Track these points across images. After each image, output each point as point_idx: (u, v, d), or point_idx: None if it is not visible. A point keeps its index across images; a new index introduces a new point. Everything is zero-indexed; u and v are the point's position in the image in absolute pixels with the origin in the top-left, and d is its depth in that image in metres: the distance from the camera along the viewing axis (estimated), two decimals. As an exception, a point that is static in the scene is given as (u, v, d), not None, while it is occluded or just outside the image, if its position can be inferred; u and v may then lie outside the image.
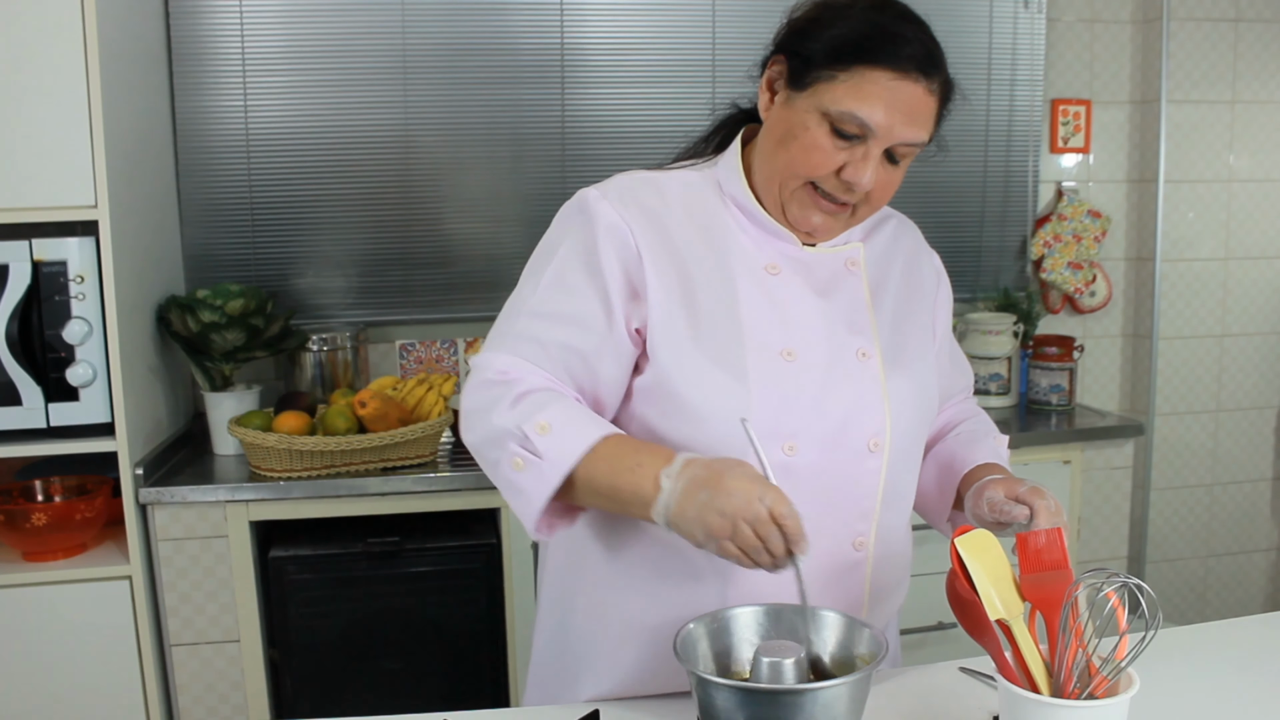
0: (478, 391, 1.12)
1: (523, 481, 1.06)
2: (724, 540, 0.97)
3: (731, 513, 0.96)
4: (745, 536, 0.96)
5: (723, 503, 0.97)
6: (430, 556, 2.20)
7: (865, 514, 1.17)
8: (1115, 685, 0.90)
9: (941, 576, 1.00)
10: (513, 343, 1.14)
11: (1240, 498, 3.24)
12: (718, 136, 1.28)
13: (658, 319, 1.13)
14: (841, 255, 1.22)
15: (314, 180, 2.59)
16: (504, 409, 1.08)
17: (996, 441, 1.31)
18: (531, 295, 1.16)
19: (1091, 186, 3.06)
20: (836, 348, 1.16)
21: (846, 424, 1.15)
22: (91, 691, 2.06)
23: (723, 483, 0.97)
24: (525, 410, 1.07)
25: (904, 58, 1.06)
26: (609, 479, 1.04)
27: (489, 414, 1.09)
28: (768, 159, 1.15)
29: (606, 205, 1.15)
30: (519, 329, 1.15)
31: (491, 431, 1.08)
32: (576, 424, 1.06)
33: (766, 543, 0.97)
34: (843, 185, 1.11)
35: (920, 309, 1.28)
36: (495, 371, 1.12)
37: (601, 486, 1.05)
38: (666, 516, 1.01)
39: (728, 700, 0.89)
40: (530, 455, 1.05)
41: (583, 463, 1.05)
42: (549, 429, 1.05)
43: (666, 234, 1.15)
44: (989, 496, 1.15)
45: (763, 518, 0.96)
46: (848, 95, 1.06)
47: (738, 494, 0.96)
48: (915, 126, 1.09)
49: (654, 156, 1.29)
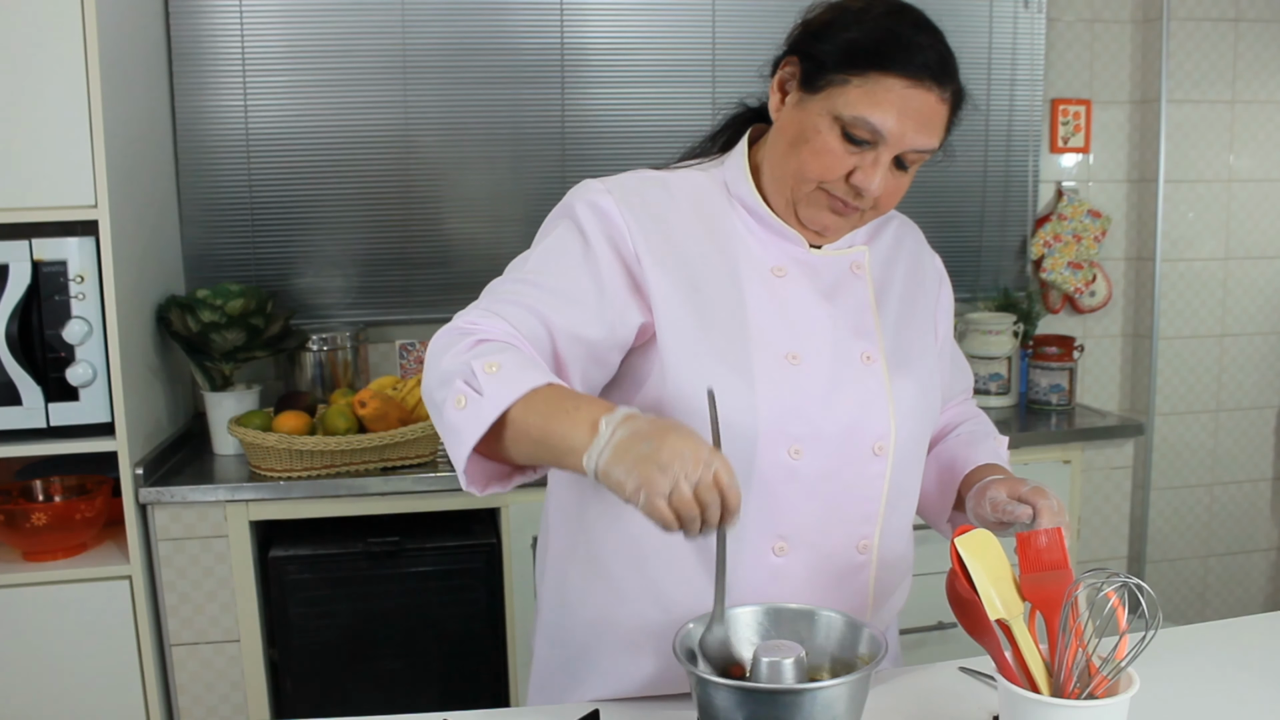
0: (441, 338, 1.08)
1: (460, 419, 0.99)
2: (657, 497, 0.89)
3: (675, 470, 0.89)
4: (683, 496, 0.89)
5: (667, 457, 0.89)
6: (430, 556, 2.20)
7: (869, 517, 1.17)
8: (1115, 685, 0.90)
9: (941, 576, 1.00)
10: (489, 300, 1.11)
11: (1240, 498, 3.24)
12: (724, 135, 1.28)
13: (665, 319, 1.12)
14: (847, 258, 1.22)
15: (314, 180, 2.59)
16: (458, 350, 1.03)
17: (996, 443, 1.31)
18: (521, 267, 1.14)
19: (1091, 186, 3.06)
20: (842, 351, 1.16)
21: (852, 428, 1.15)
22: (91, 691, 2.06)
23: (667, 438, 0.90)
24: (478, 352, 1.02)
25: (918, 65, 1.06)
26: (542, 422, 0.97)
27: (442, 356, 1.04)
28: (778, 161, 1.15)
29: (610, 201, 1.14)
30: (501, 290, 1.12)
31: (441, 372, 1.03)
32: (527, 369, 1.00)
33: (705, 509, 0.90)
34: (851, 190, 1.11)
35: (923, 311, 1.28)
36: (464, 322, 1.08)
37: (534, 430, 0.97)
38: (598, 463, 0.92)
39: (727, 700, 0.89)
40: (473, 392, 0.99)
41: (520, 404, 0.97)
42: (498, 368, 0.99)
43: (672, 235, 1.15)
44: (992, 496, 1.15)
45: (707, 481, 0.89)
46: (861, 100, 1.06)
47: (685, 453, 0.89)
48: (926, 134, 1.09)
49: (654, 156, 1.29)
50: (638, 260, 1.13)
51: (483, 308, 1.10)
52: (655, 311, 1.12)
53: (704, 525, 0.91)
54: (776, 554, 1.14)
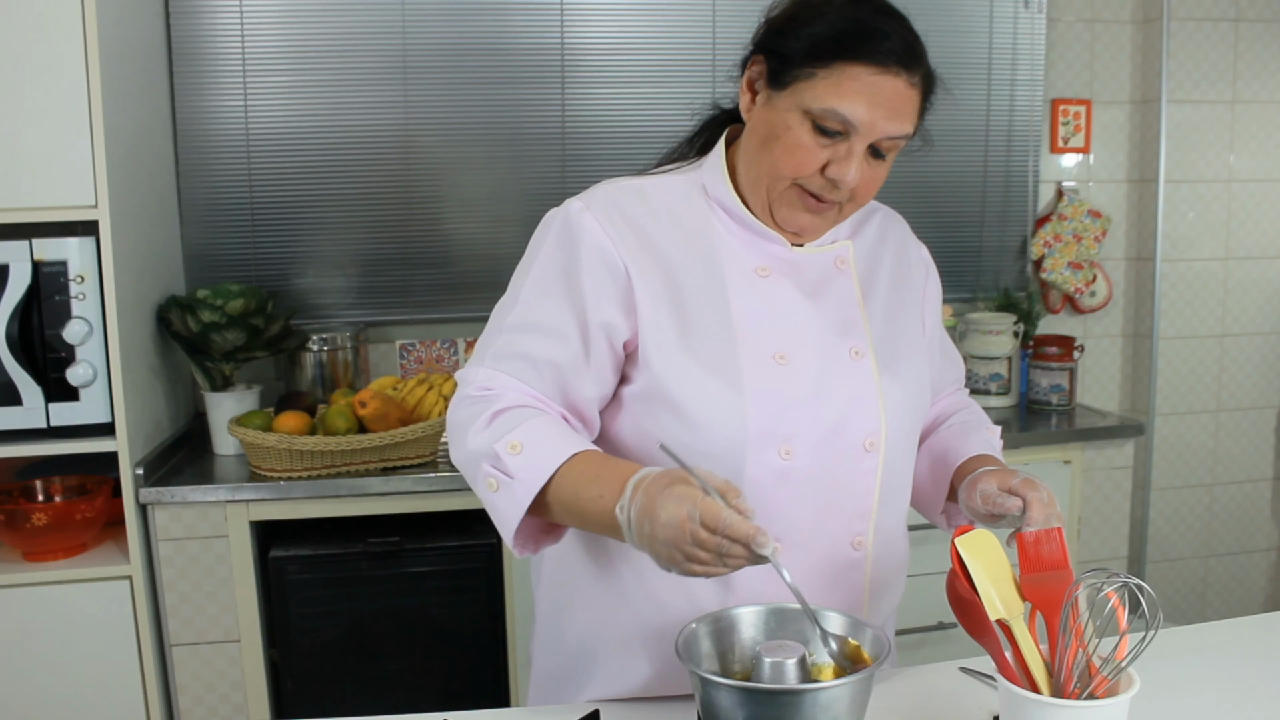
0: (459, 409, 1.13)
1: (498, 502, 1.06)
2: (681, 568, 0.94)
3: (671, 541, 0.92)
4: (695, 556, 0.92)
5: (663, 533, 0.93)
6: (430, 556, 2.20)
7: (863, 513, 1.17)
8: (1115, 685, 0.90)
9: (941, 576, 1.00)
10: (493, 359, 1.14)
11: (1240, 498, 3.24)
12: (701, 138, 1.28)
13: (649, 330, 1.13)
14: (830, 254, 1.22)
15: (314, 180, 2.59)
16: (479, 428, 1.08)
17: (989, 433, 1.30)
18: (512, 309, 1.16)
19: (1091, 186, 3.06)
20: (829, 348, 1.16)
21: (842, 424, 1.14)
22: (91, 691, 2.06)
23: (656, 513, 0.93)
24: (498, 429, 1.07)
25: (884, 52, 1.06)
26: (576, 508, 1.03)
27: (465, 434, 1.09)
28: (752, 160, 1.15)
29: (590, 218, 1.14)
30: (500, 344, 1.14)
31: (467, 453, 1.09)
32: (548, 443, 1.05)
33: (720, 553, 0.92)
34: (828, 183, 1.11)
35: (910, 303, 1.27)
36: (475, 388, 1.12)
37: (573, 513, 1.04)
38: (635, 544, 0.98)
39: (730, 700, 0.89)
40: (503, 475, 1.04)
41: (554, 482, 1.03)
42: (520, 448, 1.04)
43: (652, 244, 1.15)
44: (982, 489, 1.14)
45: (700, 537, 0.91)
46: (828, 92, 1.06)
47: (669, 523, 0.92)
48: (898, 120, 1.08)
49: (654, 157, 1.30)
50: (626, 273, 1.13)
51: (488, 367, 1.13)
52: (640, 321, 1.13)
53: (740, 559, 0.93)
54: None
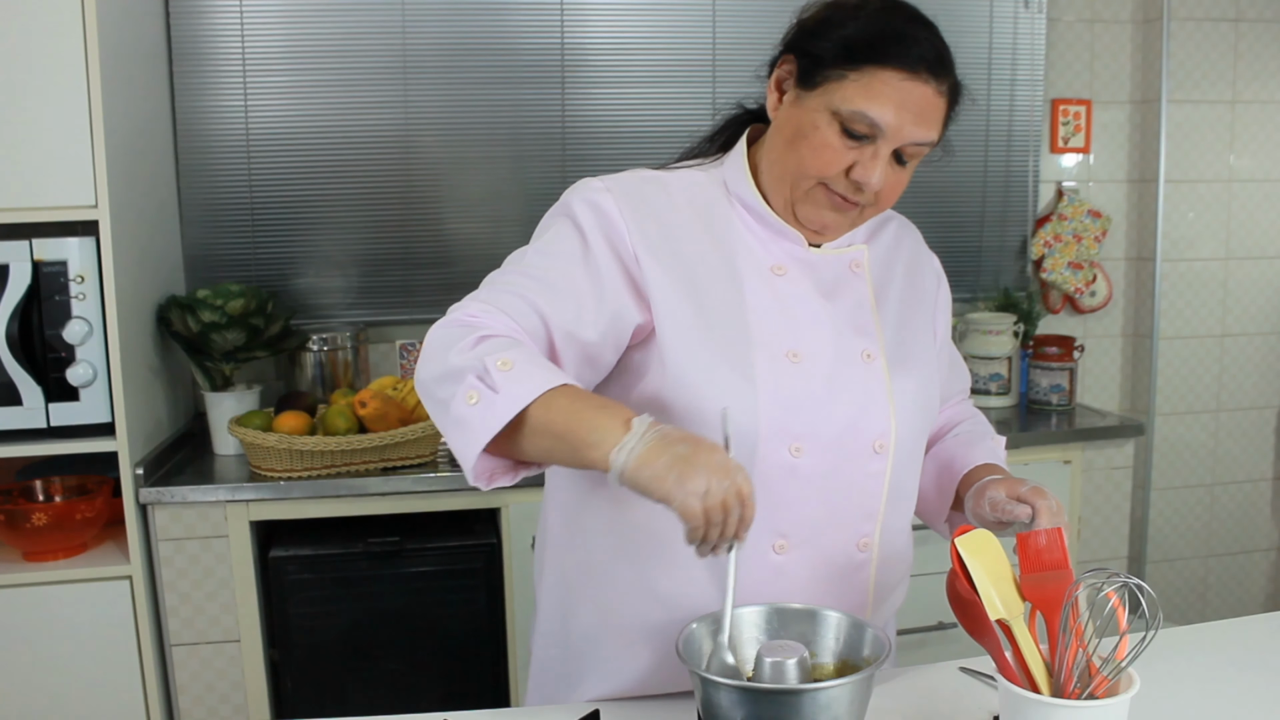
0: (441, 329, 1.06)
1: (472, 415, 0.98)
2: (692, 496, 0.90)
3: (710, 472, 0.91)
4: (714, 498, 0.90)
5: (705, 459, 0.91)
6: (430, 556, 2.20)
7: (870, 515, 1.17)
8: (1115, 685, 0.90)
9: (941, 576, 1.00)
10: (488, 292, 1.10)
11: (1240, 498, 3.24)
12: (722, 136, 1.28)
13: (665, 318, 1.12)
14: (846, 257, 1.22)
15: (314, 180, 2.59)
16: (464, 346, 1.02)
17: (994, 443, 1.31)
18: (520, 259, 1.14)
19: (1092, 186, 3.06)
20: (842, 349, 1.16)
21: (852, 426, 1.15)
22: (91, 691, 2.06)
23: (701, 445, 0.93)
24: (487, 348, 1.01)
25: (915, 58, 1.06)
26: (566, 419, 0.97)
27: (446, 351, 1.02)
28: (777, 159, 1.15)
29: (609, 199, 1.14)
30: (501, 282, 1.11)
31: (447, 368, 1.02)
32: (541, 367, 1.00)
33: (728, 514, 0.91)
34: (852, 185, 1.11)
35: (922, 311, 1.28)
36: (464, 314, 1.07)
37: (556, 425, 0.97)
38: (628, 457, 0.93)
39: (730, 700, 0.89)
40: (486, 389, 0.97)
41: (539, 403, 0.97)
42: (511, 365, 0.98)
43: (672, 234, 1.15)
44: (991, 496, 1.15)
45: (734, 490, 0.91)
46: (858, 94, 1.07)
47: (716, 461, 0.92)
48: (924, 127, 1.09)
49: (654, 156, 1.29)
50: (636, 260, 1.13)
51: (481, 299, 1.08)
52: (655, 310, 1.12)
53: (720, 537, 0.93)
54: (777, 552, 1.14)
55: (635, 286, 1.13)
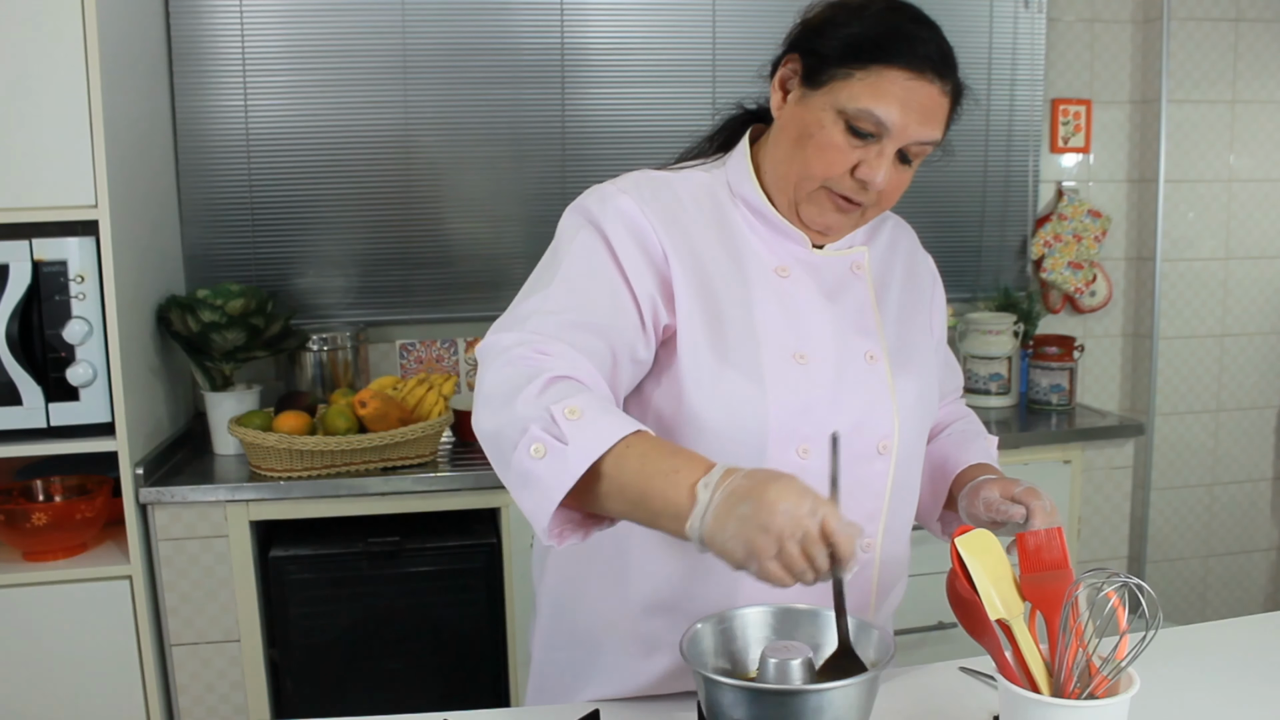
0: (500, 368, 1.01)
1: (541, 470, 0.92)
2: (766, 560, 0.85)
3: (778, 530, 0.85)
4: (791, 556, 0.85)
5: (767, 518, 0.85)
6: (430, 556, 2.20)
7: (873, 515, 1.18)
8: (1115, 685, 0.90)
9: (941, 576, 1.00)
10: (537, 320, 1.05)
11: (1240, 498, 3.24)
12: (722, 136, 1.28)
13: (684, 320, 1.12)
14: (847, 258, 1.22)
15: (314, 180, 2.59)
16: (532, 391, 0.96)
17: (987, 442, 1.32)
18: (552, 279, 1.09)
19: (1092, 186, 3.05)
20: (846, 350, 1.17)
21: (858, 427, 1.15)
22: (91, 691, 2.06)
23: (766, 495, 0.86)
24: (555, 394, 0.95)
25: (920, 57, 1.07)
26: (639, 481, 0.92)
27: (513, 399, 0.96)
28: (782, 159, 1.15)
29: (629, 201, 1.13)
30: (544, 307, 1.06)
31: (512, 416, 0.96)
32: (610, 414, 0.95)
33: (813, 561, 0.86)
34: (856, 185, 1.11)
35: (920, 310, 1.28)
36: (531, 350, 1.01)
37: (630, 489, 0.92)
38: (702, 532, 0.88)
39: (734, 700, 0.89)
40: (554, 441, 0.92)
41: (611, 456, 0.92)
42: (580, 414, 0.93)
43: (687, 234, 1.15)
44: (985, 496, 1.15)
45: (813, 535, 0.85)
46: (865, 93, 1.07)
47: (784, 509, 0.85)
48: (929, 126, 1.09)
49: (654, 157, 1.29)
50: (666, 260, 1.12)
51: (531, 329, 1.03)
52: (677, 309, 1.12)
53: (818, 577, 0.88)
54: None
55: (665, 287, 1.12)
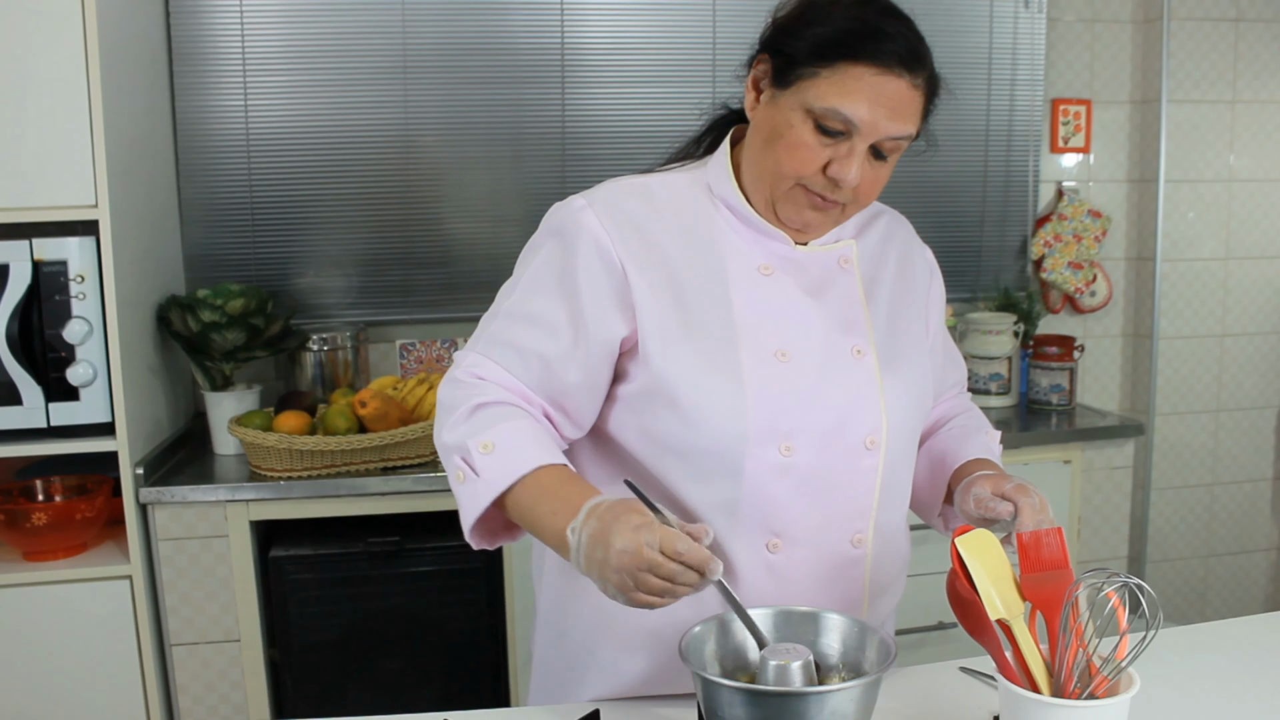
0: (445, 389, 1.16)
1: (462, 494, 1.11)
2: (628, 596, 0.97)
3: (627, 568, 0.95)
4: (649, 584, 0.95)
5: (616, 559, 0.96)
6: (430, 556, 2.20)
7: (863, 511, 1.17)
8: (1116, 685, 0.90)
9: (941, 576, 1.00)
10: (485, 345, 1.17)
11: (1240, 498, 3.24)
12: (708, 138, 1.28)
13: (649, 328, 1.13)
14: (834, 253, 1.22)
15: (314, 180, 2.59)
16: (458, 420, 1.11)
17: (989, 437, 1.31)
18: (508, 298, 1.19)
19: (1092, 186, 3.06)
20: (831, 346, 1.16)
21: (843, 422, 1.15)
22: (91, 691, 2.06)
23: (610, 540, 0.96)
24: (476, 424, 1.10)
25: (886, 53, 1.06)
26: (531, 519, 1.07)
27: (444, 423, 1.13)
28: (755, 159, 1.15)
29: (591, 215, 1.15)
30: (493, 331, 1.18)
31: (442, 444, 1.13)
32: (518, 450, 1.08)
33: (674, 580, 0.95)
34: (829, 183, 1.11)
35: (914, 304, 1.28)
36: (464, 371, 1.16)
37: (528, 523, 1.08)
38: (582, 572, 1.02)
39: (733, 703, 0.89)
40: (470, 471, 1.09)
41: (516, 489, 1.07)
42: (492, 449, 1.08)
43: (654, 242, 1.16)
44: (975, 493, 1.15)
45: (658, 561, 0.95)
46: (830, 91, 1.07)
47: (626, 548, 0.95)
48: (900, 121, 1.08)
49: (654, 157, 1.30)
50: (623, 271, 1.14)
51: (480, 351, 1.17)
52: (639, 317, 1.13)
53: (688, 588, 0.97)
54: (771, 550, 1.14)
55: (623, 298, 1.14)
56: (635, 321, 1.14)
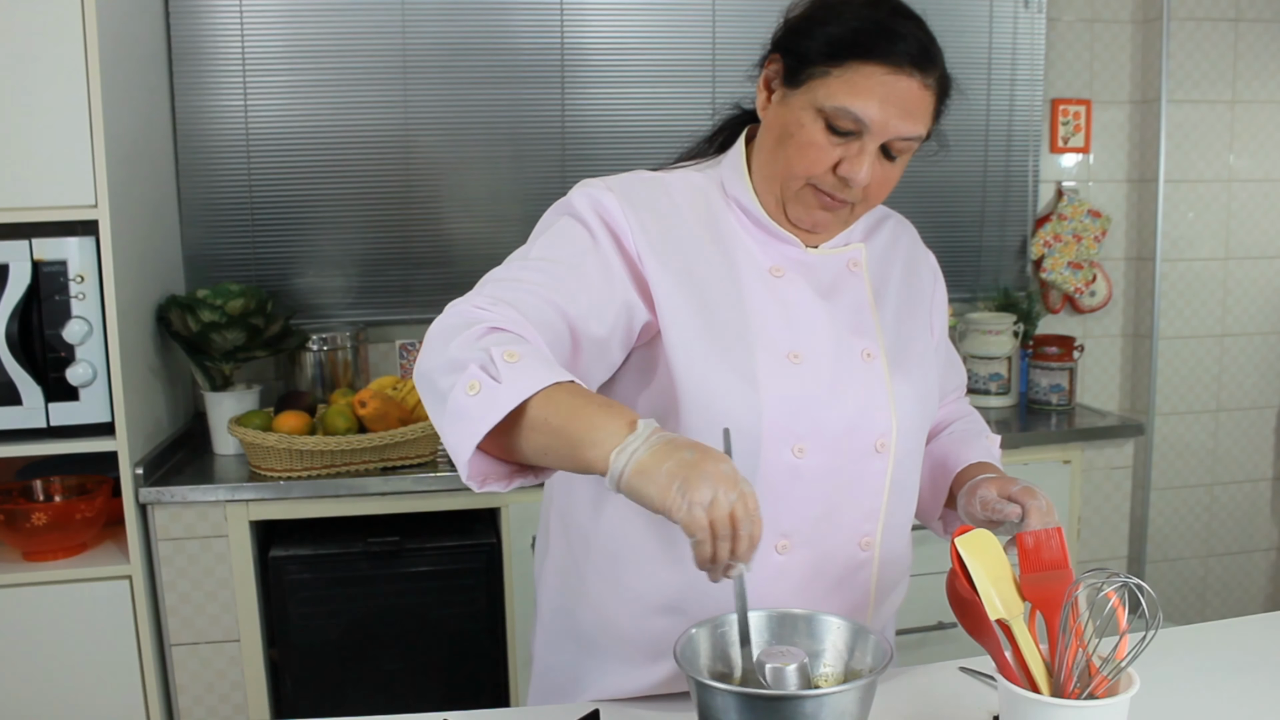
0: (445, 319, 1.02)
1: (472, 406, 0.92)
2: (697, 506, 0.84)
3: (717, 478, 0.85)
4: (720, 509, 0.85)
5: (711, 467, 0.85)
6: (430, 556, 2.20)
7: (872, 514, 1.17)
8: (1115, 685, 0.90)
9: (941, 576, 1.00)
10: (493, 287, 1.05)
11: (1240, 498, 3.24)
12: (720, 137, 1.28)
13: (670, 320, 1.11)
14: (843, 256, 1.22)
15: (314, 180, 2.59)
16: (469, 336, 0.97)
17: (989, 441, 1.31)
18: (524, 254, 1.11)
19: (1091, 186, 3.05)
20: (842, 349, 1.16)
21: (854, 425, 1.15)
22: (91, 691, 2.06)
23: (710, 454, 0.87)
24: (494, 340, 0.96)
25: (898, 53, 1.06)
26: (568, 413, 0.91)
27: (449, 341, 0.97)
28: (767, 159, 1.15)
29: (613, 199, 1.13)
30: (507, 278, 1.07)
31: (450, 358, 0.96)
32: (547, 363, 0.95)
33: (737, 529, 0.86)
34: (840, 182, 1.11)
35: (919, 307, 1.28)
36: (470, 306, 1.02)
37: (555, 420, 0.91)
38: (630, 460, 0.87)
39: (728, 706, 0.88)
40: (489, 379, 0.92)
41: (541, 396, 0.91)
42: (518, 357, 0.93)
43: (674, 235, 1.15)
44: (982, 495, 1.15)
45: (745, 496, 0.86)
46: (841, 91, 1.07)
47: (726, 469, 0.86)
48: (910, 121, 1.09)
49: (654, 157, 1.29)
50: (639, 259, 1.12)
51: (488, 294, 1.03)
52: (659, 310, 1.12)
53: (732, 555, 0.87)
54: (779, 552, 1.14)
55: (641, 285, 1.12)
56: (654, 312, 1.12)
